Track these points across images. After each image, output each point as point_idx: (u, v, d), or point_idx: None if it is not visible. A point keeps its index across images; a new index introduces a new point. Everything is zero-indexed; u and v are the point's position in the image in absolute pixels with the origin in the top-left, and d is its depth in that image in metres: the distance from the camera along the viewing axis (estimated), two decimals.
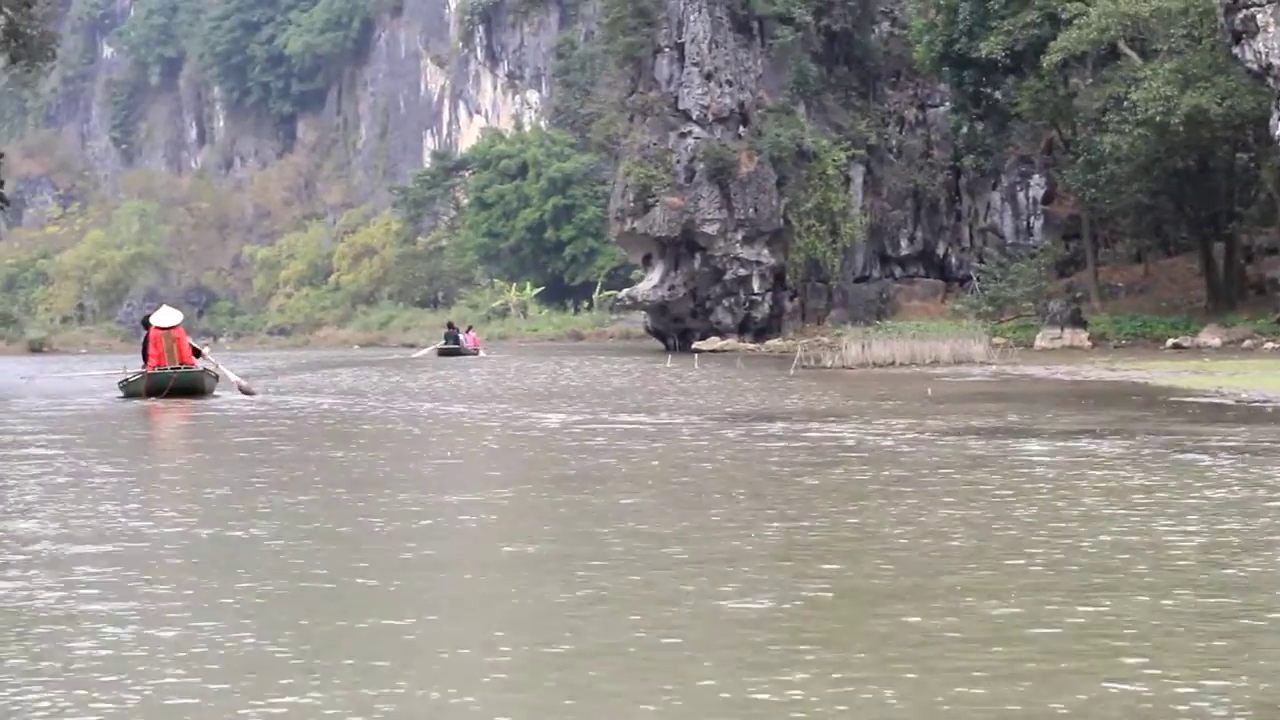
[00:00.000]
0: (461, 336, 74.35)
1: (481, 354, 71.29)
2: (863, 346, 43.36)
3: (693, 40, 75.14)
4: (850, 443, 19.49)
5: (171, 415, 28.96)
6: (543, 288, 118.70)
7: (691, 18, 75.30)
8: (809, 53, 76.81)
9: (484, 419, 25.49)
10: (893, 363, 42.41)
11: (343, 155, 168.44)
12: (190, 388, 32.69)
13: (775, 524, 12.17)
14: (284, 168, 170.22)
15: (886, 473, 15.82)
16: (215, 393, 33.66)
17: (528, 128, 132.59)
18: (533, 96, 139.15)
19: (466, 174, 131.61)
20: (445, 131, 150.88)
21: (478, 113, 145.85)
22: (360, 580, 9.94)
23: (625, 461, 17.76)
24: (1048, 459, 17.04)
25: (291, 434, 23.66)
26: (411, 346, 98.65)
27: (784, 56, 76.00)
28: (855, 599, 9.25)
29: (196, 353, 34.09)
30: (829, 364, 41.97)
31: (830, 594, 9.31)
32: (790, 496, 14.04)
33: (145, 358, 33.57)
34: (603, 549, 10.97)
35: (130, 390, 33.34)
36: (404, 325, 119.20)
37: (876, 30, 79.38)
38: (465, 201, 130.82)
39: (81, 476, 16.82)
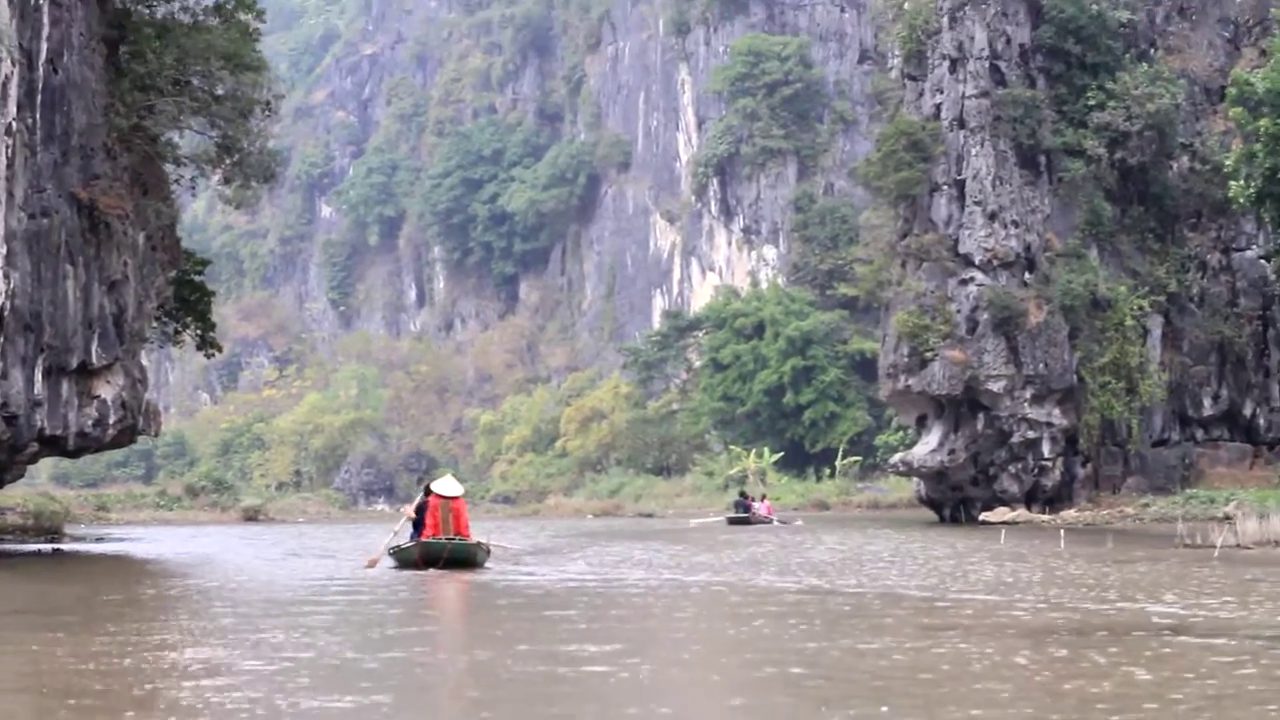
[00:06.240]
0: (757, 505, 69.07)
1: (776, 522, 65.81)
2: (1260, 520, 35.59)
3: (974, 177, 68.38)
4: None
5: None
6: (781, 454, 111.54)
7: (973, 152, 68.64)
8: (1101, 190, 69.58)
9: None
10: None
11: (567, 316, 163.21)
12: (464, 559, 30.54)
13: None
14: (506, 330, 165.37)
15: None
16: (487, 565, 31.21)
17: (764, 285, 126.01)
18: (769, 252, 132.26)
19: (700, 334, 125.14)
20: (676, 290, 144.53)
21: (711, 270, 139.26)
22: None
23: None
24: None
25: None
26: (649, 516, 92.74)
27: (1073, 195, 69.04)
28: None
29: None
30: (1217, 543, 34.23)
31: None
32: None
33: (418, 526, 31.15)
34: None
35: (402, 559, 31.30)
36: (636, 494, 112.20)
37: (1175, 166, 71.77)
38: (698, 363, 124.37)
39: None
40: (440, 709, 12.83)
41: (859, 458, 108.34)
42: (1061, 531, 47.52)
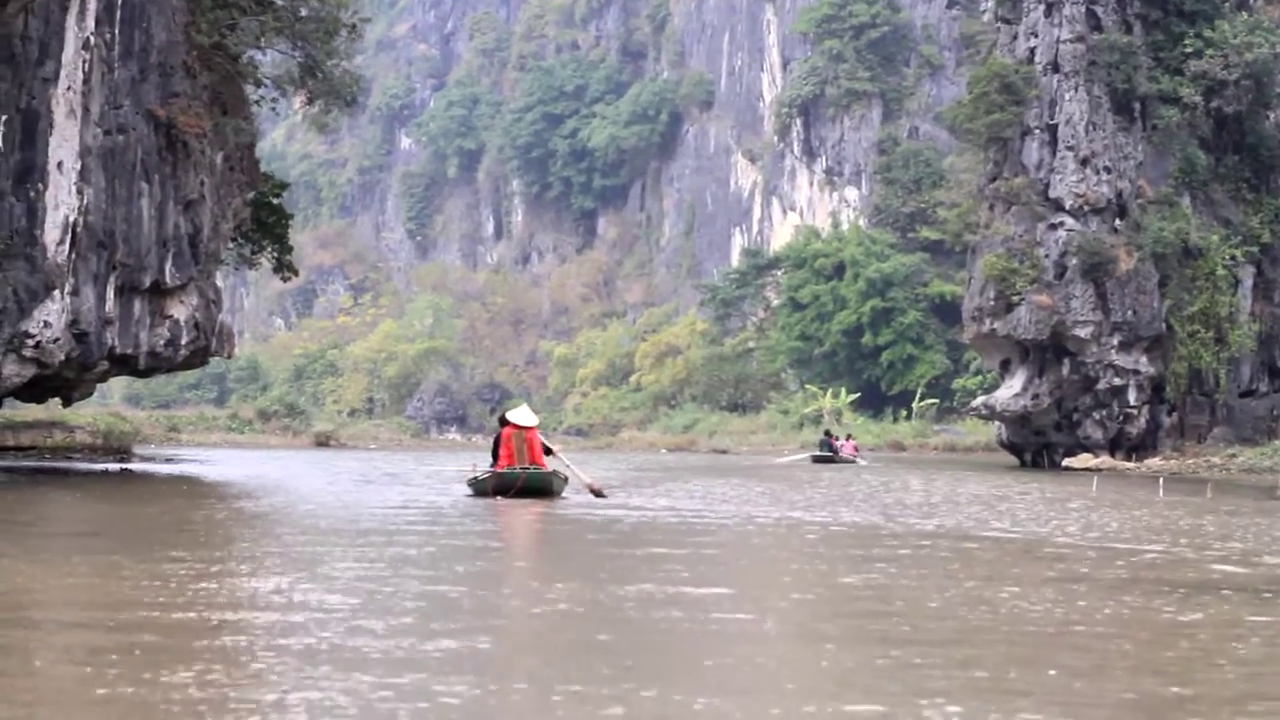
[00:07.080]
0: (840, 444, 69.08)
1: (860, 462, 66.01)
2: None
3: (1067, 121, 67.09)
4: None
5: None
6: (858, 395, 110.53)
7: (1066, 96, 67.31)
8: (1196, 138, 68.14)
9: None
10: None
11: (645, 252, 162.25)
12: (538, 489, 30.55)
13: None
14: (583, 264, 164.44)
15: None
16: (564, 494, 31.08)
17: (845, 226, 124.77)
18: (851, 194, 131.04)
19: (779, 273, 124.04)
20: (756, 229, 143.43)
21: (792, 209, 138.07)
22: None
23: None
24: None
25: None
26: (724, 452, 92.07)
27: (1167, 142, 67.61)
28: None
29: (548, 451, 31.63)
30: None
31: None
32: None
33: (495, 456, 31.31)
34: None
35: (478, 488, 31.40)
36: (710, 430, 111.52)
37: (1271, 116, 70.28)
38: (776, 302, 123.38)
39: None
40: (549, 650, 11.82)
41: (936, 400, 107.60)
42: (1160, 480, 46.39)
